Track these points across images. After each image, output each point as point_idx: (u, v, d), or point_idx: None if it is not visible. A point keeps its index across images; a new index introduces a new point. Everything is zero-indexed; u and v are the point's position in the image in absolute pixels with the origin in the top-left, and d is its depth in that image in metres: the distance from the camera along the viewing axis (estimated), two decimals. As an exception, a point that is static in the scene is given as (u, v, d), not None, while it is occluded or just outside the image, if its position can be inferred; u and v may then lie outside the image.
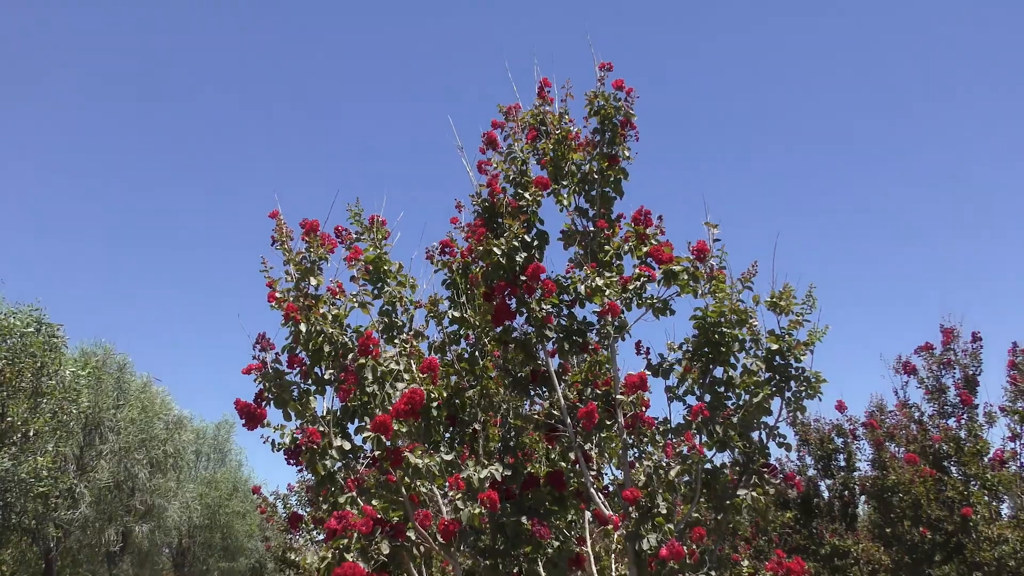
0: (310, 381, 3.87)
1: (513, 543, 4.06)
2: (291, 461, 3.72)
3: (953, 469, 8.26)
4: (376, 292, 4.26)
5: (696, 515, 4.14)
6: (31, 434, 8.71)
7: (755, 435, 4.31)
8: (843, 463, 10.75)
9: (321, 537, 4.25)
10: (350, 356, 3.82)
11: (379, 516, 3.51)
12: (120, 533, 12.38)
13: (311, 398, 3.87)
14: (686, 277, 4.19)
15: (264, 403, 3.74)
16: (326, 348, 3.80)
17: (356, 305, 4.10)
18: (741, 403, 4.22)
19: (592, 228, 4.54)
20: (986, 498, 7.96)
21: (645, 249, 4.30)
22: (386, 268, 4.26)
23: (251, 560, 18.60)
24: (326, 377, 3.87)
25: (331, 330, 3.83)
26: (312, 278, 3.95)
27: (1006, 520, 8.13)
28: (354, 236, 4.28)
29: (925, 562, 8.05)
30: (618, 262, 4.38)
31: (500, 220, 4.36)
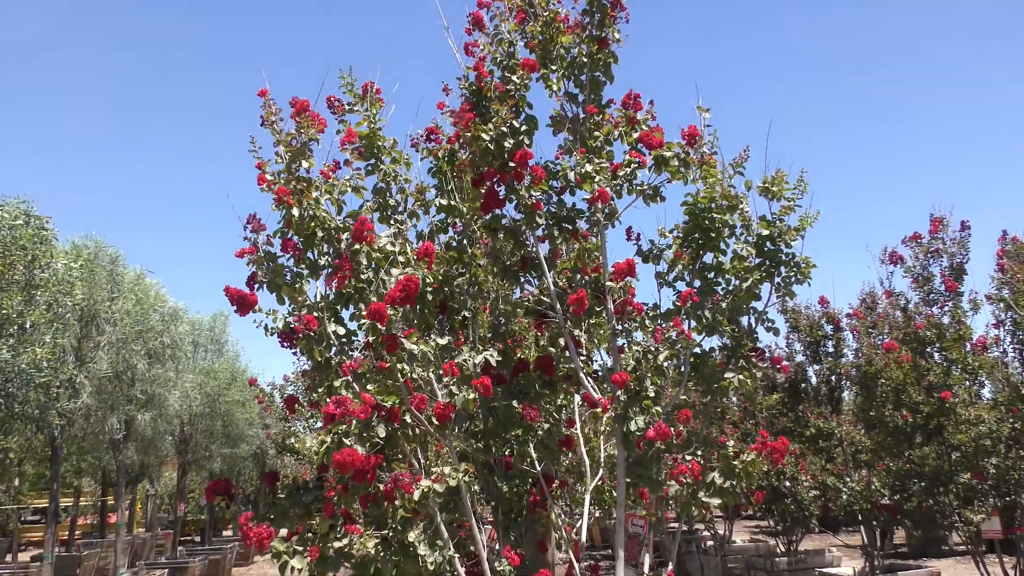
0: (303, 266, 3.86)
1: (504, 426, 4.17)
2: (285, 344, 3.76)
3: (936, 356, 8.44)
4: (370, 169, 4.19)
5: (684, 398, 4.24)
6: (27, 326, 8.76)
7: (744, 320, 4.37)
8: (831, 349, 11.01)
9: (319, 425, 4.34)
10: (344, 238, 3.79)
11: (376, 401, 3.58)
12: (123, 421, 12.65)
13: (304, 283, 3.86)
14: (677, 163, 4.15)
15: (257, 286, 3.73)
16: (319, 232, 3.77)
17: (349, 189, 4.04)
18: (731, 288, 4.26)
19: (582, 113, 4.45)
20: (967, 383, 8.18)
21: (635, 135, 4.23)
22: (380, 144, 4.16)
23: (252, 446, 19.16)
24: (320, 262, 3.85)
25: (324, 214, 3.78)
26: (303, 160, 3.86)
27: (985, 403, 8.38)
28: (347, 107, 4.15)
29: (905, 444, 8.34)
30: (608, 148, 4.31)
31: (488, 104, 4.26)
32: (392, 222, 4.21)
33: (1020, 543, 8.09)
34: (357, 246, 3.71)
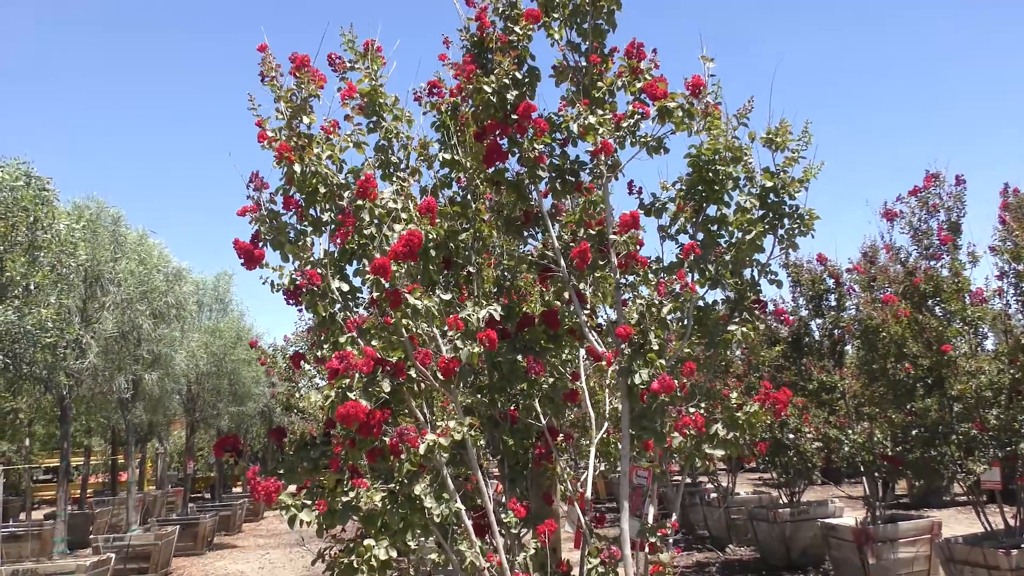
0: (306, 223, 3.84)
1: (509, 380, 4.19)
2: (290, 302, 3.77)
3: (937, 309, 8.44)
4: (372, 126, 4.15)
5: (687, 351, 4.25)
6: (32, 287, 8.77)
7: (747, 273, 4.36)
8: (834, 303, 11.02)
9: (323, 383, 4.36)
10: (347, 195, 3.77)
11: (379, 356, 3.59)
12: (130, 381, 12.75)
13: (308, 240, 3.85)
14: (681, 114, 4.10)
15: (261, 244, 3.72)
16: (321, 189, 3.74)
17: (351, 145, 4.01)
18: (734, 241, 4.25)
19: (584, 63, 4.38)
20: (968, 335, 8.19)
21: (639, 85, 4.17)
22: (381, 101, 4.12)
23: (259, 404, 19.33)
24: (323, 219, 3.84)
25: (326, 171, 3.75)
26: (304, 116, 3.83)
27: (986, 354, 8.40)
28: (348, 64, 4.10)
29: (907, 396, 8.38)
30: (611, 99, 4.26)
31: (490, 56, 4.20)
32: (394, 179, 4.18)
33: (1020, 493, 8.18)
34: (360, 202, 3.70)
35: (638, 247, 4.15)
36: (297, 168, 3.67)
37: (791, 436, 10.02)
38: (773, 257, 4.35)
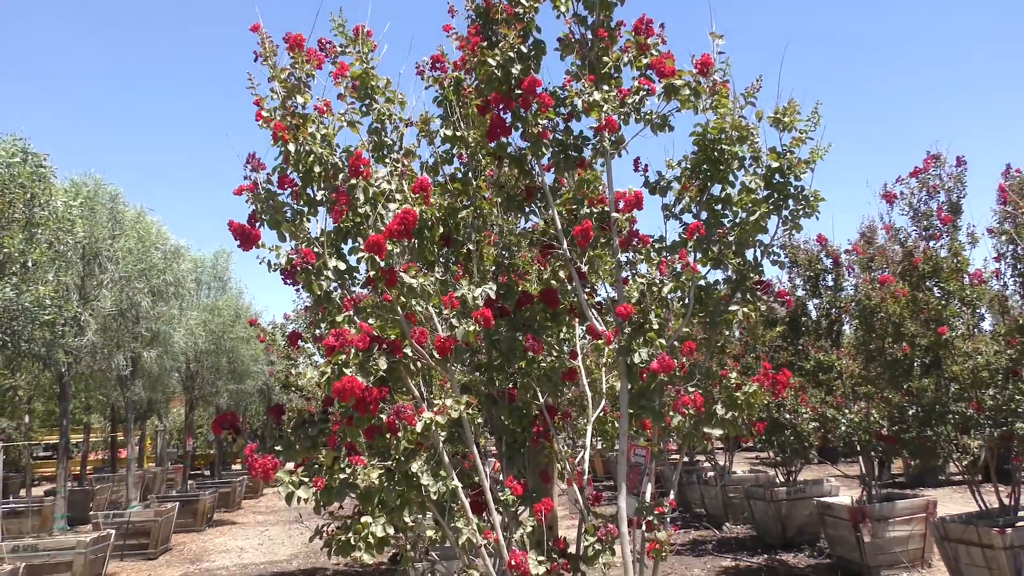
0: (302, 202, 3.82)
1: (507, 358, 4.18)
2: (288, 281, 3.74)
3: (936, 290, 8.43)
4: (364, 109, 4.13)
5: (687, 331, 4.24)
6: (29, 264, 8.74)
7: (749, 253, 4.34)
8: (831, 283, 11.01)
9: (321, 361, 4.36)
10: (341, 177, 3.74)
11: (376, 333, 3.58)
12: (129, 359, 12.73)
13: (304, 219, 3.83)
14: (687, 92, 4.04)
15: (258, 224, 3.70)
16: (316, 169, 3.72)
17: (345, 124, 3.97)
18: (738, 221, 4.22)
19: (591, 36, 4.32)
20: (965, 316, 8.18)
21: (645, 61, 4.11)
22: (373, 84, 4.08)
23: (258, 382, 19.35)
24: (318, 198, 3.81)
25: (320, 150, 3.73)
26: (299, 96, 3.80)
27: (984, 335, 8.40)
28: (339, 49, 4.07)
29: (904, 376, 8.39)
30: (617, 75, 4.20)
31: (495, 28, 4.14)
32: (387, 161, 4.15)
33: (1015, 472, 8.22)
34: (354, 181, 3.67)
35: (632, 226, 4.12)
36: (292, 147, 3.65)
37: (788, 416, 10.05)
38: (777, 238, 4.32)
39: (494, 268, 4.64)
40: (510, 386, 4.35)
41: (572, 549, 4.26)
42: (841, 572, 9.35)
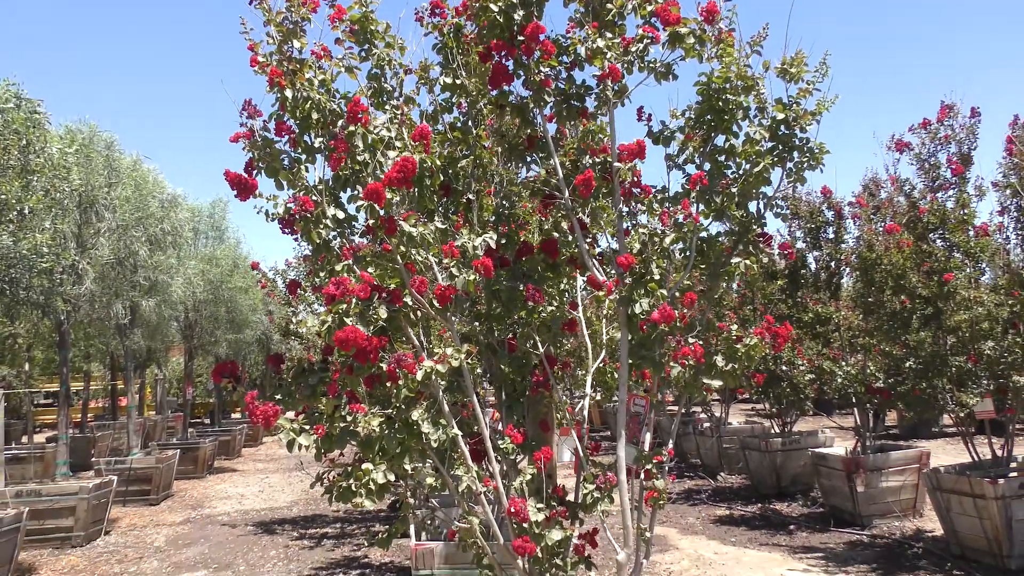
0: (300, 150, 3.77)
1: (508, 308, 4.17)
2: (285, 230, 3.71)
3: (939, 242, 8.40)
4: (363, 55, 4.04)
5: (688, 282, 4.22)
6: (26, 212, 8.66)
7: (752, 205, 4.30)
8: (831, 235, 10.98)
9: (321, 309, 4.34)
10: (339, 123, 3.68)
11: (376, 283, 3.56)
12: (127, 307, 12.72)
13: (302, 167, 3.78)
14: (692, 40, 3.95)
15: (255, 172, 3.65)
16: (314, 115, 3.66)
17: (343, 69, 3.90)
18: (741, 173, 4.17)
19: (594, -20, 4.21)
20: (968, 268, 8.17)
21: (650, 8, 4.01)
22: (372, 28, 3.99)
23: (257, 332, 19.41)
24: (316, 145, 3.76)
25: (318, 96, 3.66)
26: (295, 40, 3.72)
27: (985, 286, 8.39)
28: (336, -8, 3.97)
29: (902, 328, 8.41)
30: (621, 22, 4.10)
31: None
32: (387, 108, 4.07)
33: (1009, 424, 8.30)
34: (352, 128, 3.61)
35: (636, 177, 4.07)
36: (288, 93, 3.58)
37: (784, 368, 10.11)
38: (780, 190, 4.28)
39: (494, 218, 4.60)
40: (510, 336, 4.35)
41: (571, 497, 4.31)
42: (834, 521, 9.51)
